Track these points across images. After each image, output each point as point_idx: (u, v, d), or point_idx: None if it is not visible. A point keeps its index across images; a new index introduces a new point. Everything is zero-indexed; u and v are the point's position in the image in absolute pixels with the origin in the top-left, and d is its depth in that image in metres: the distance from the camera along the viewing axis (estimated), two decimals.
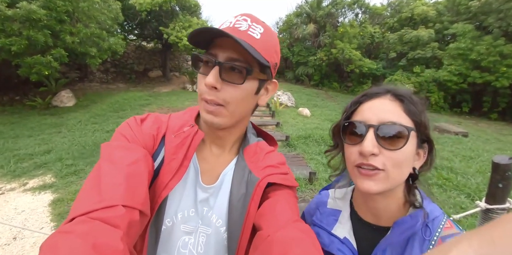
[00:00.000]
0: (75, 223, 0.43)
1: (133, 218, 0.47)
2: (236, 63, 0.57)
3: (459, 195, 3.58)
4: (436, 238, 0.56)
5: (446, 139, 6.64)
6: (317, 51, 14.97)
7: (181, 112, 0.73)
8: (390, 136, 0.54)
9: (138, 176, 0.53)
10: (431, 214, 0.58)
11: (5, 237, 2.84)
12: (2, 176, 4.16)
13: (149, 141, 0.63)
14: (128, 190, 0.49)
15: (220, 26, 0.61)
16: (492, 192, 1.46)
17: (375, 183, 0.54)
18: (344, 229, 0.65)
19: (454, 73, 10.92)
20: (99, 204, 0.45)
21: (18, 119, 7.37)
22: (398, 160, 0.54)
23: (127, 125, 0.64)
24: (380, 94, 0.59)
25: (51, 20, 6.41)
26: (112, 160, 0.53)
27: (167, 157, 0.62)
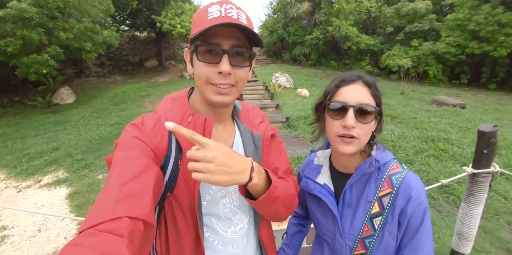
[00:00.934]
0: (83, 235, 0.46)
1: (137, 228, 0.50)
2: (239, 49, 0.66)
3: (454, 164, 3.73)
4: (385, 176, 0.78)
5: (444, 112, 6.72)
6: (313, 29, 14.66)
7: (166, 104, 0.75)
8: (364, 114, 0.74)
9: (142, 188, 0.56)
10: (382, 160, 0.80)
11: (30, 230, 3.05)
12: (17, 175, 4.34)
13: (158, 141, 0.66)
14: (132, 203, 0.52)
15: (210, 16, 0.65)
16: (478, 158, 1.58)
17: (352, 147, 0.75)
18: (324, 178, 0.88)
19: (452, 45, 10.75)
20: (105, 217, 0.48)
21: (22, 120, 7.49)
22: (368, 130, 0.76)
23: (129, 133, 0.65)
24: (355, 80, 0.77)
25: (43, 18, 6.36)
26: (117, 174, 0.56)
27: (186, 148, 0.68)
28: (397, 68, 11.65)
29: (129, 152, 0.61)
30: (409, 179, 0.76)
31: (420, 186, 0.76)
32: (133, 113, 7.44)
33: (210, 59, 0.65)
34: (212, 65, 0.65)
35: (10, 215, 3.33)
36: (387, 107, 7.06)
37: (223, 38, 0.64)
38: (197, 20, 0.68)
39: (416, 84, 10.53)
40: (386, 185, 0.77)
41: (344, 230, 0.82)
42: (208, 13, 0.65)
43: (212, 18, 0.64)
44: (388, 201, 0.76)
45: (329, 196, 0.85)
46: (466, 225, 1.66)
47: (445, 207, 2.89)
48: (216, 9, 0.65)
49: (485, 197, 1.63)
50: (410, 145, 4.43)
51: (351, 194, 0.82)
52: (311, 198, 0.93)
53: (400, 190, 0.75)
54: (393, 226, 0.76)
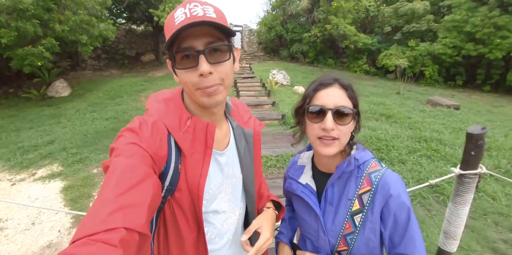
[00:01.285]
0: (76, 245, 0.44)
1: (132, 239, 0.49)
2: (214, 45, 0.63)
3: (446, 164, 3.79)
4: (365, 174, 0.81)
5: (438, 112, 6.80)
6: (311, 27, 14.64)
7: (159, 106, 0.73)
8: (342, 116, 0.77)
9: (140, 198, 0.54)
10: (361, 159, 0.83)
11: (24, 223, 3.05)
12: (11, 168, 4.32)
13: (157, 147, 0.65)
14: (129, 213, 0.51)
15: (177, 21, 0.62)
16: (466, 159, 1.62)
17: (332, 148, 0.78)
18: (306, 178, 0.92)
19: (449, 46, 10.83)
20: (101, 227, 0.47)
21: (16, 112, 7.42)
22: (346, 131, 0.79)
23: (127, 139, 0.63)
24: (331, 83, 0.80)
25: (38, 9, 6.25)
26: (114, 182, 0.54)
27: (187, 152, 0.69)
28: (394, 67, 11.72)
29: (128, 159, 0.58)
30: (387, 177, 0.79)
31: (398, 182, 0.78)
32: (129, 108, 7.41)
33: (188, 64, 0.64)
34: (192, 70, 0.64)
35: (4, 208, 3.33)
36: (382, 106, 7.12)
37: (195, 39, 0.62)
38: (166, 29, 0.66)
39: (412, 84, 10.62)
40: (365, 183, 0.80)
41: (326, 227, 0.85)
42: (174, 18, 0.63)
43: (179, 22, 0.61)
44: (367, 198, 0.79)
45: (311, 195, 0.89)
46: (453, 224, 1.71)
47: (435, 206, 2.96)
48: (181, 12, 0.63)
49: (471, 197, 1.68)
50: (404, 144, 4.50)
51: (333, 192, 0.85)
52: (295, 198, 0.96)
53: (379, 187, 0.78)
54: (374, 222, 0.79)
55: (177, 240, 0.74)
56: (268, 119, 6.22)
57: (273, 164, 3.98)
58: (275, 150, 4.40)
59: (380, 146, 4.41)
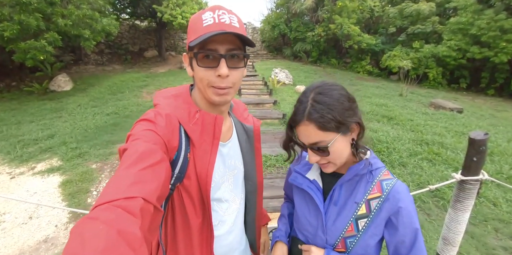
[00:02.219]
0: (99, 210, 0.47)
1: (149, 210, 0.52)
2: (234, 52, 0.71)
3: (447, 168, 3.77)
4: (376, 180, 0.81)
5: (441, 115, 6.75)
6: (315, 26, 14.56)
7: (169, 101, 0.78)
8: (321, 151, 0.76)
9: (157, 177, 0.59)
10: (374, 164, 0.83)
11: (21, 217, 3.05)
12: (10, 161, 4.32)
13: (171, 136, 0.70)
14: (147, 187, 0.55)
15: (205, 23, 0.69)
16: (467, 165, 1.59)
17: (329, 169, 0.81)
18: (314, 174, 0.92)
19: (454, 49, 10.75)
20: (122, 194, 0.50)
21: (18, 105, 7.41)
22: (334, 157, 0.78)
23: (144, 126, 0.68)
24: (300, 120, 0.76)
25: (41, 3, 6.22)
26: (135, 159, 0.58)
27: (196, 142, 0.75)
28: (397, 69, 11.65)
29: (146, 143, 0.63)
30: (398, 187, 0.79)
31: (408, 195, 0.79)
32: (130, 103, 7.39)
33: (209, 64, 0.70)
34: (211, 69, 0.71)
35: (2, 201, 3.33)
36: (384, 108, 7.08)
37: (219, 43, 0.69)
38: (192, 27, 0.73)
39: (415, 86, 10.56)
40: (376, 189, 0.80)
41: (327, 226, 0.85)
42: (202, 20, 0.70)
43: (206, 25, 0.69)
44: (376, 204, 0.79)
45: (317, 191, 0.89)
46: (452, 231, 1.68)
47: (435, 211, 2.94)
48: (210, 16, 0.70)
49: (472, 204, 1.65)
50: (405, 147, 4.46)
51: (340, 193, 0.85)
52: (298, 192, 0.96)
53: (390, 196, 0.78)
54: (377, 229, 0.79)
55: (184, 227, 0.79)
56: (269, 118, 6.20)
57: (272, 164, 3.96)
58: (274, 150, 4.38)
59: (381, 148, 4.39)
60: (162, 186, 0.59)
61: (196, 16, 0.73)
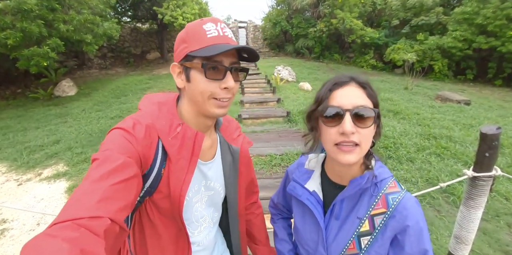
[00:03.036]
0: (60, 227, 0.43)
1: (114, 231, 0.49)
2: (236, 65, 0.72)
3: (456, 163, 3.67)
4: (381, 194, 0.72)
5: (448, 108, 6.61)
6: (316, 22, 14.40)
7: (153, 108, 0.74)
8: (363, 117, 0.66)
9: (127, 194, 0.55)
10: (379, 176, 0.74)
11: (29, 223, 3.07)
12: (18, 168, 4.36)
13: (147, 150, 0.67)
14: (115, 206, 0.51)
15: (209, 34, 0.69)
16: (479, 161, 1.54)
17: (354, 156, 0.67)
18: (314, 185, 0.83)
19: (459, 39, 10.51)
20: (87, 213, 0.46)
21: (24, 112, 7.49)
22: (368, 135, 0.68)
23: (121, 137, 0.64)
24: (347, 82, 0.70)
25: (42, 9, 6.26)
26: (107, 172, 0.55)
27: (173, 157, 0.71)
28: (401, 62, 11.46)
29: (123, 154, 0.60)
30: (406, 201, 0.70)
31: (417, 210, 0.70)
32: (134, 106, 7.40)
33: (215, 76, 0.69)
34: (216, 81, 0.69)
35: (10, 209, 3.36)
36: (389, 102, 6.96)
37: (225, 56, 0.70)
38: (193, 36, 0.70)
39: (420, 79, 10.36)
40: (380, 204, 0.72)
41: (327, 242, 0.78)
42: (205, 31, 0.69)
43: (211, 36, 0.68)
44: (380, 221, 0.71)
45: (317, 204, 0.80)
46: (465, 229, 1.63)
47: (445, 207, 2.86)
48: (213, 28, 0.69)
49: (485, 201, 1.59)
50: (412, 142, 4.37)
51: (341, 207, 0.77)
52: (297, 204, 0.88)
53: (396, 212, 0.70)
54: (382, 248, 0.71)
55: (153, 236, 0.76)
56: (273, 116, 6.15)
57: (278, 163, 3.91)
58: (279, 149, 4.33)
59: (388, 143, 4.30)
60: (131, 204, 0.56)
61: (195, 26, 0.70)
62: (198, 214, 0.84)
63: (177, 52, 0.72)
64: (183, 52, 0.70)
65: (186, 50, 0.70)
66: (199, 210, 0.84)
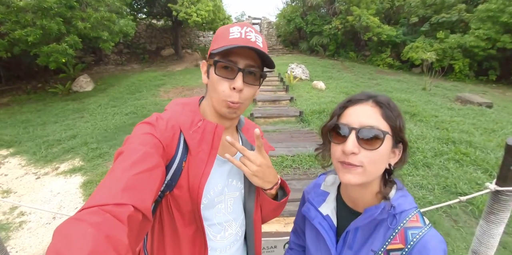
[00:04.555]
0: (87, 212, 0.46)
1: (137, 219, 0.51)
2: (252, 69, 0.72)
3: (476, 170, 3.53)
4: (400, 227, 0.66)
5: (468, 111, 6.36)
6: (332, 19, 14.13)
7: (177, 108, 0.79)
8: (369, 138, 0.62)
9: (150, 183, 0.58)
10: (399, 207, 0.67)
11: (46, 217, 3.17)
12: (36, 162, 4.51)
13: (169, 141, 0.70)
14: (139, 194, 0.54)
15: (231, 35, 0.71)
16: (503, 175, 1.45)
17: (354, 176, 0.63)
18: (328, 208, 0.79)
19: (482, 38, 10.06)
20: (113, 200, 0.49)
21: (43, 106, 7.74)
22: (374, 158, 0.63)
23: (144, 130, 0.68)
24: (363, 100, 0.67)
25: (61, 7, 6.43)
26: (131, 162, 0.58)
27: (193, 150, 0.73)
28: (420, 61, 11.10)
29: (145, 147, 0.63)
30: (429, 240, 0.63)
31: (440, 251, 0.62)
32: (148, 103, 7.52)
33: (227, 75, 0.71)
34: (227, 80, 0.71)
35: (27, 201, 3.48)
36: (406, 103, 6.77)
37: (240, 57, 0.71)
38: (218, 37, 0.74)
39: (439, 79, 10.03)
40: (398, 238, 0.65)
41: None
42: (229, 32, 0.72)
43: (232, 38, 0.71)
44: None
45: (329, 230, 0.76)
46: (484, 244, 1.55)
47: (462, 217, 2.76)
48: (237, 30, 0.72)
49: (507, 216, 1.51)
50: (429, 146, 4.23)
51: (355, 236, 0.72)
52: (310, 227, 0.84)
53: (414, 250, 0.62)
54: None
55: (172, 236, 0.76)
56: (286, 116, 6.10)
57: (289, 165, 3.88)
58: (291, 150, 4.29)
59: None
60: (155, 193, 0.59)
61: (224, 28, 0.75)
62: (221, 216, 0.83)
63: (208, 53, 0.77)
64: (209, 51, 0.75)
65: (211, 49, 0.74)
66: (222, 212, 0.83)
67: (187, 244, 0.76)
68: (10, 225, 3.05)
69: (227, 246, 0.85)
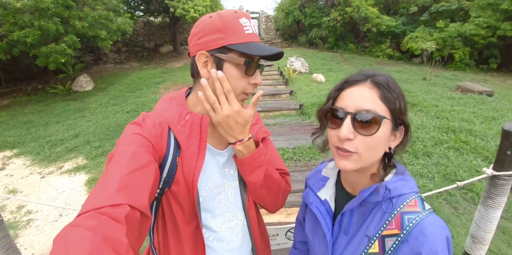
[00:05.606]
0: (83, 217, 0.47)
1: (135, 217, 0.52)
2: (263, 63, 0.76)
3: (475, 158, 3.54)
4: (397, 212, 0.61)
5: (469, 100, 6.33)
6: (330, 11, 14.00)
7: (164, 104, 0.78)
8: (364, 123, 0.59)
9: (144, 181, 0.59)
10: (395, 190, 0.63)
11: (52, 215, 3.23)
12: (40, 161, 4.56)
13: (158, 138, 0.70)
14: (133, 193, 0.54)
15: (246, 30, 0.69)
16: (500, 159, 1.47)
17: (349, 162, 0.61)
18: (326, 193, 0.78)
19: (482, 26, 9.94)
20: (107, 202, 0.50)
21: (45, 107, 7.77)
22: (371, 144, 0.60)
23: (131, 130, 0.68)
24: (360, 81, 0.62)
25: (58, 7, 6.38)
26: (121, 165, 0.58)
27: (183, 145, 0.72)
28: (420, 51, 11.01)
29: (132, 147, 0.63)
30: (426, 226, 0.57)
31: (438, 237, 0.56)
32: (148, 100, 7.54)
33: (249, 72, 0.71)
34: (247, 77, 0.72)
35: (35, 199, 3.54)
36: (406, 93, 6.55)
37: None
38: (231, 28, 0.68)
39: (440, 68, 9.95)
40: (394, 224, 0.60)
41: None
42: (242, 26, 0.69)
43: (249, 33, 0.70)
44: (392, 244, 0.60)
45: (326, 215, 0.74)
46: (482, 228, 1.58)
47: (462, 204, 2.78)
48: (248, 24, 0.70)
49: (505, 200, 1.53)
50: (429, 136, 4.24)
51: (350, 221, 0.69)
52: (309, 213, 0.83)
53: (410, 236, 0.58)
54: None
55: (174, 232, 0.77)
56: (286, 109, 6.11)
57: (290, 157, 3.91)
58: (292, 142, 4.32)
59: None
60: (151, 189, 0.59)
61: (232, 18, 0.68)
62: (222, 207, 0.82)
63: (207, 40, 0.68)
64: (217, 42, 0.68)
65: (222, 41, 0.67)
66: (223, 202, 0.82)
67: (188, 240, 0.77)
68: (18, 223, 3.11)
69: (234, 236, 0.85)
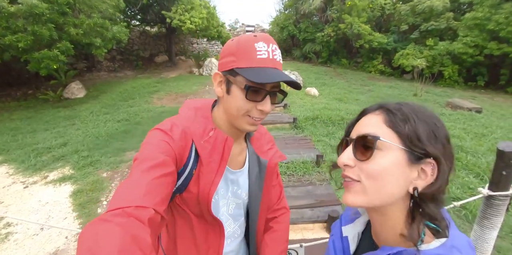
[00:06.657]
0: (112, 214, 0.50)
1: (156, 221, 0.56)
2: (276, 90, 0.74)
3: (467, 175, 3.56)
4: None
5: (459, 116, 6.47)
6: (324, 26, 14.41)
7: (189, 113, 0.80)
8: (362, 147, 0.52)
9: (166, 187, 0.62)
10: None
11: (33, 228, 3.07)
12: (24, 170, 4.39)
13: (182, 150, 0.72)
14: (158, 198, 0.58)
15: (259, 55, 0.69)
16: (495, 179, 1.46)
17: (353, 195, 0.52)
18: (352, 231, 0.66)
19: (470, 45, 10.35)
20: (135, 202, 0.53)
21: (34, 113, 7.58)
22: (371, 171, 0.50)
23: (160, 137, 0.70)
24: (371, 110, 0.57)
25: (53, 13, 6.35)
26: (151, 167, 0.62)
27: (205, 160, 0.75)
28: (410, 68, 11.33)
29: (162, 154, 0.66)
30: None
31: None
32: (141, 109, 7.45)
33: (255, 98, 0.71)
34: (254, 102, 0.72)
35: (15, 212, 3.37)
36: None
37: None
38: (243, 52, 0.70)
39: (430, 85, 10.21)
40: None
41: None
42: (256, 50, 0.69)
43: (261, 58, 0.69)
44: None
45: (340, 254, 0.65)
46: (478, 249, 1.55)
47: (456, 221, 2.76)
48: (264, 48, 0.69)
49: (501, 221, 1.51)
50: None
51: None
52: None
53: None
54: None
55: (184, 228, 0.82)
56: (279, 122, 6.10)
57: (283, 171, 3.85)
58: None
59: None
60: (168, 197, 0.64)
61: (248, 41, 0.70)
62: (223, 218, 0.87)
63: (223, 62, 0.73)
64: (229, 65, 0.71)
65: (233, 64, 0.70)
66: (225, 214, 0.87)
67: (201, 235, 0.82)
68: None
69: (230, 244, 0.92)
